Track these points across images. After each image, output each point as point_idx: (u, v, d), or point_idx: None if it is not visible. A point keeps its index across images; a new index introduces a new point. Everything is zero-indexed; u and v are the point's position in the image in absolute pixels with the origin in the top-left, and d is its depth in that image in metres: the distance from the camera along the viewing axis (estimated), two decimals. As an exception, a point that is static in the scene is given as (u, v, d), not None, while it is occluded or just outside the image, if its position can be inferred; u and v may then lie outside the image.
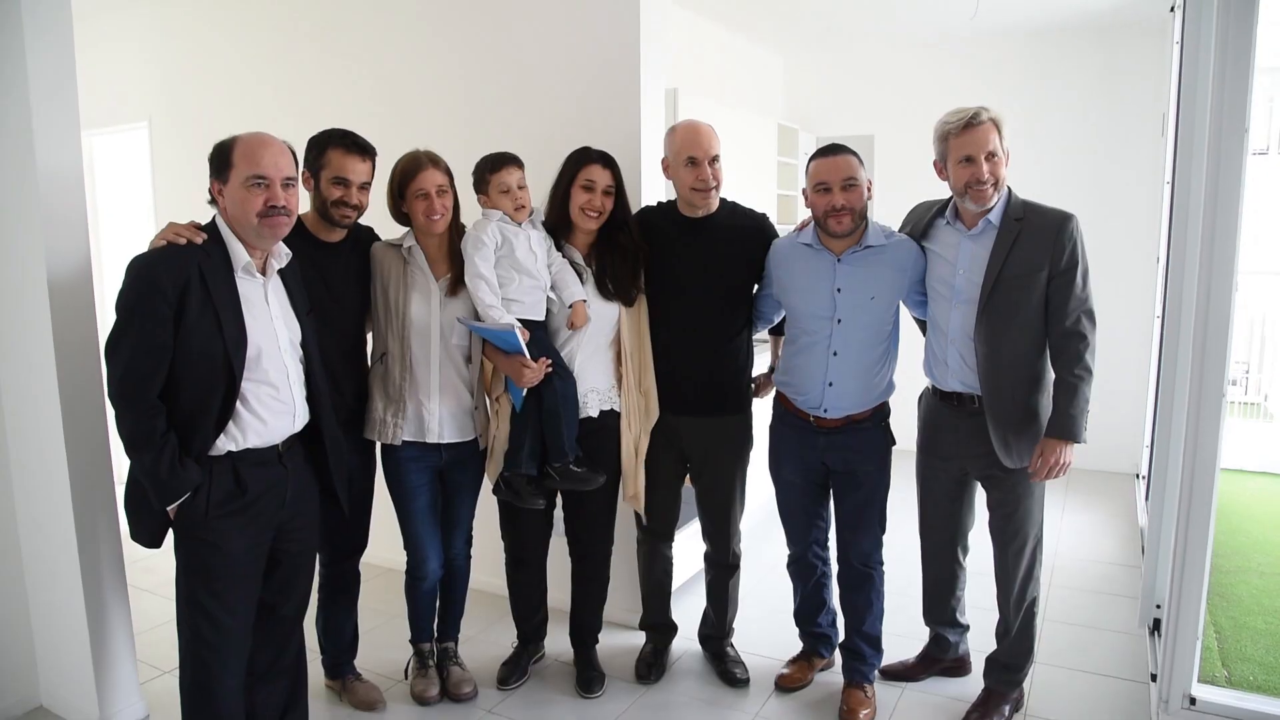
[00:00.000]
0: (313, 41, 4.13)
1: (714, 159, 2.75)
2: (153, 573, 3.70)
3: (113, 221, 5.61)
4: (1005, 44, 5.67)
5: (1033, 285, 2.46)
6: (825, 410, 2.71)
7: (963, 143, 2.45)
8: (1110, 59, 5.39)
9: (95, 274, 2.76)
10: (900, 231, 2.75)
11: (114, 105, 5.00)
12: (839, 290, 2.65)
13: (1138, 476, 5.23)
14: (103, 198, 5.62)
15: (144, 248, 2.11)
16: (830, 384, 2.68)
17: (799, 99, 6.45)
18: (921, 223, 2.70)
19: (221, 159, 2.12)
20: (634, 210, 2.94)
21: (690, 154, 2.74)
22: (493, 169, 2.69)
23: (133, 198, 5.33)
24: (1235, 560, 4.10)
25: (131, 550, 2.61)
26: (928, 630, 3.05)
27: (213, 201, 2.17)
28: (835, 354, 2.67)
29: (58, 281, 2.59)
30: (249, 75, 4.38)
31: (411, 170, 2.64)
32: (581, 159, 2.74)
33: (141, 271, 2.03)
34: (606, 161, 2.75)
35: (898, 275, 2.66)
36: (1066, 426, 2.45)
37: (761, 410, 3.02)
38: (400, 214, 2.71)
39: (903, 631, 3.17)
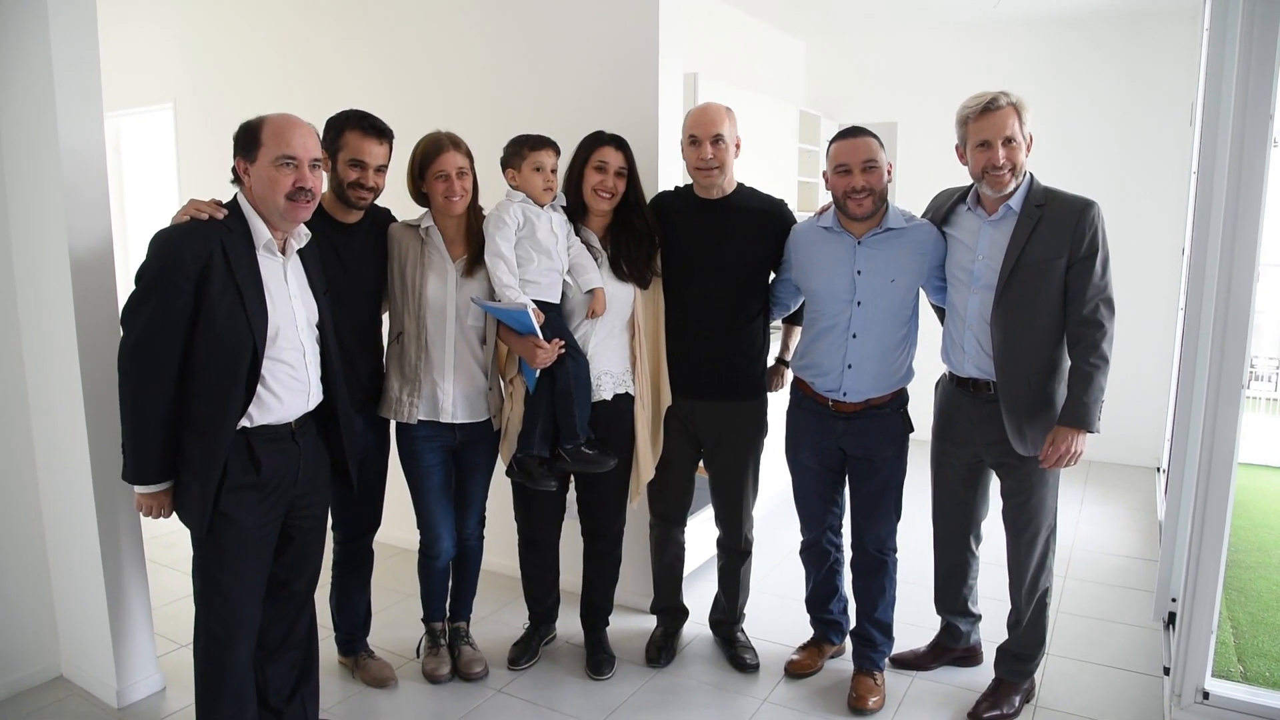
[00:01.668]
0: (334, 24, 4.15)
1: (716, 138, 2.73)
2: (171, 548, 3.77)
3: (139, 203, 5.68)
4: (1030, 31, 5.60)
5: (1051, 272, 2.44)
6: (844, 394, 2.70)
7: (980, 127, 2.44)
8: (1138, 46, 5.31)
9: (120, 255, 2.79)
10: (922, 217, 2.74)
11: (139, 87, 5.05)
12: (859, 272, 2.64)
13: (1159, 470, 5.17)
14: (129, 179, 5.69)
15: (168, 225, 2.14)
16: (849, 366, 2.67)
17: (821, 85, 6.40)
18: (943, 209, 2.69)
19: (249, 138, 2.13)
20: (650, 195, 2.94)
21: (691, 132, 2.76)
22: (533, 147, 2.70)
23: (158, 179, 5.39)
24: (1256, 556, 4.05)
25: (150, 526, 2.66)
26: (939, 619, 3.04)
27: (236, 180, 2.19)
28: (855, 336, 2.66)
29: (79, 260, 2.62)
30: (272, 57, 4.41)
31: (433, 151, 2.65)
32: (594, 141, 2.76)
33: (165, 245, 2.05)
34: (619, 144, 2.76)
35: (917, 258, 2.64)
36: (1080, 415, 2.43)
37: (777, 396, 3.02)
38: (419, 194, 2.73)
39: (914, 620, 3.17)
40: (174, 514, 2.18)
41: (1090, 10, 5.29)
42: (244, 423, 2.12)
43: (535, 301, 2.61)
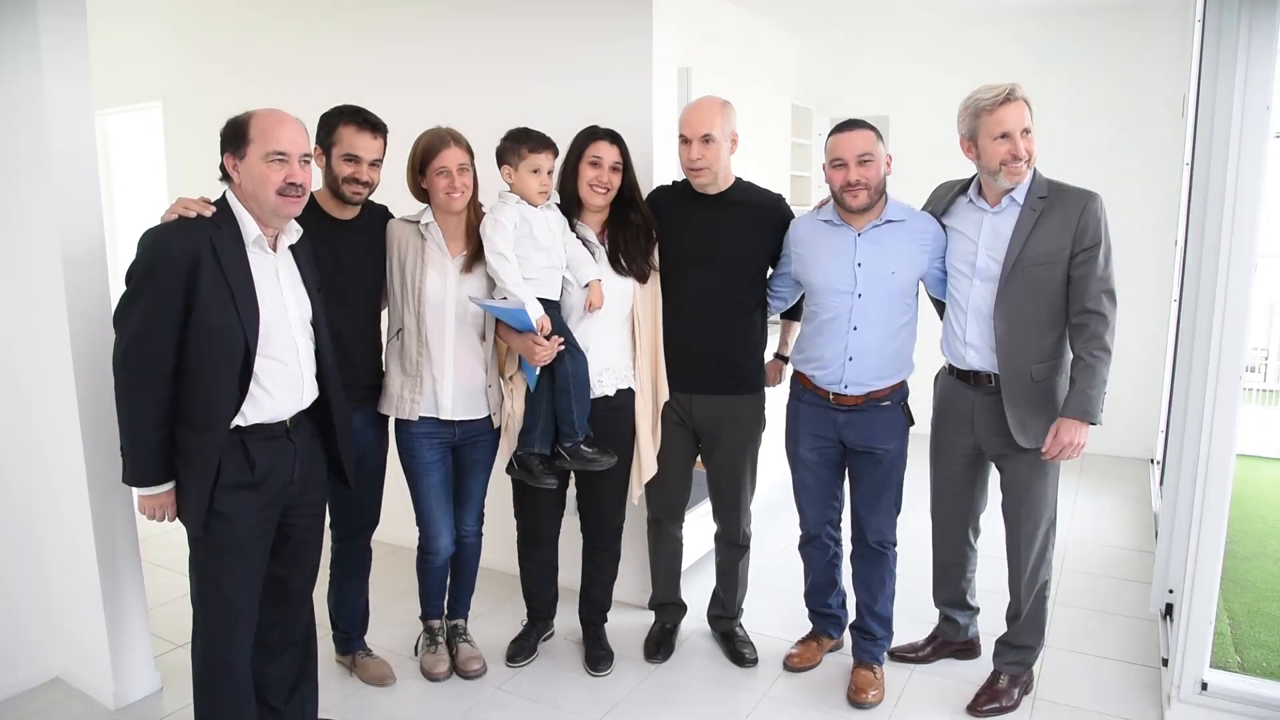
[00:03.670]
0: (323, 20, 4.12)
1: (705, 138, 2.70)
2: (166, 548, 3.74)
3: (128, 202, 5.64)
4: (1021, 23, 5.60)
5: (1055, 263, 2.45)
6: (845, 386, 2.70)
7: (1000, 119, 2.43)
8: (1128, 39, 5.32)
9: (110, 253, 2.77)
10: (922, 210, 2.73)
11: (128, 85, 5.01)
12: (859, 265, 2.64)
13: (1152, 461, 5.19)
14: (118, 178, 5.65)
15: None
16: (850, 358, 2.67)
17: (813, 79, 6.39)
18: (943, 201, 2.70)
19: (237, 134, 2.11)
20: (645, 189, 2.93)
21: (681, 132, 2.76)
22: (533, 149, 2.67)
23: (147, 177, 5.35)
24: (1250, 546, 4.07)
25: (145, 526, 2.63)
26: (937, 612, 3.05)
27: (224, 177, 2.16)
28: (855, 328, 2.66)
29: (72, 259, 2.60)
30: (262, 54, 4.37)
31: (434, 147, 2.64)
32: (589, 136, 2.75)
33: (153, 244, 2.03)
34: (613, 138, 2.75)
35: (918, 250, 2.64)
36: (1083, 406, 2.43)
37: (774, 390, 3.01)
38: (420, 190, 2.72)
39: (913, 614, 3.16)
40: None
41: (1079, 2, 5.29)
42: (238, 421, 2.11)
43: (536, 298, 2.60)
